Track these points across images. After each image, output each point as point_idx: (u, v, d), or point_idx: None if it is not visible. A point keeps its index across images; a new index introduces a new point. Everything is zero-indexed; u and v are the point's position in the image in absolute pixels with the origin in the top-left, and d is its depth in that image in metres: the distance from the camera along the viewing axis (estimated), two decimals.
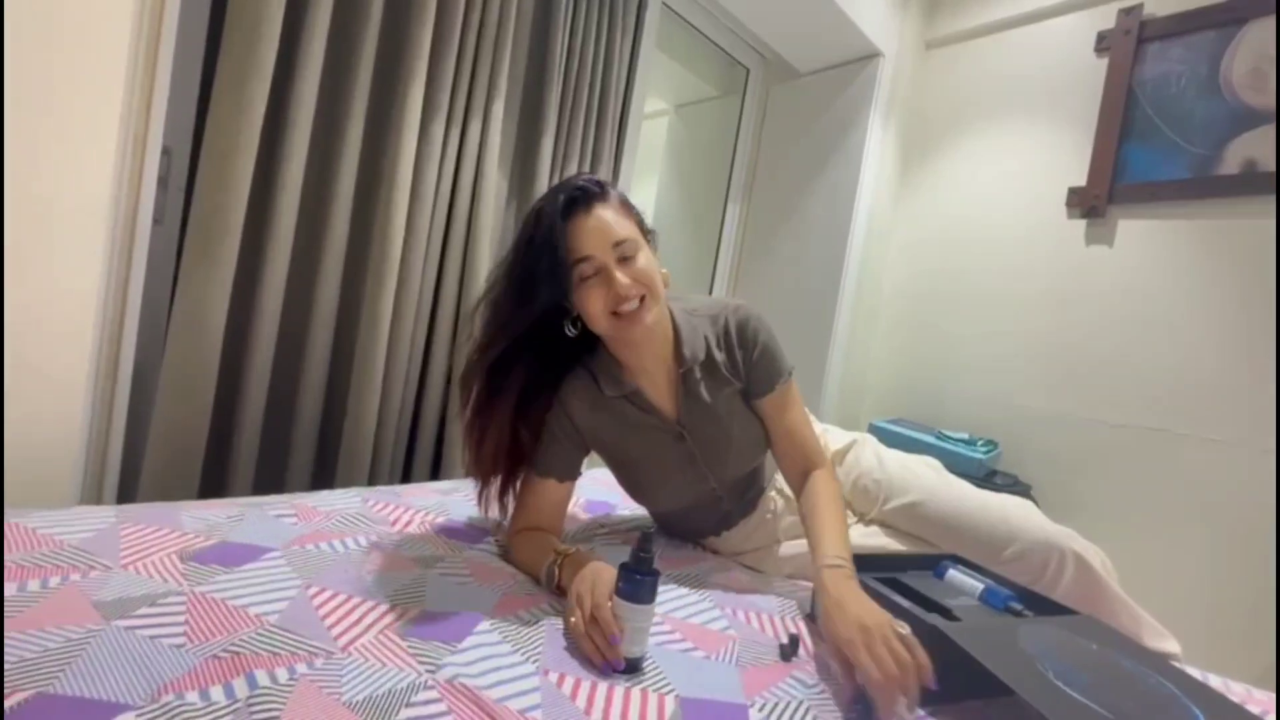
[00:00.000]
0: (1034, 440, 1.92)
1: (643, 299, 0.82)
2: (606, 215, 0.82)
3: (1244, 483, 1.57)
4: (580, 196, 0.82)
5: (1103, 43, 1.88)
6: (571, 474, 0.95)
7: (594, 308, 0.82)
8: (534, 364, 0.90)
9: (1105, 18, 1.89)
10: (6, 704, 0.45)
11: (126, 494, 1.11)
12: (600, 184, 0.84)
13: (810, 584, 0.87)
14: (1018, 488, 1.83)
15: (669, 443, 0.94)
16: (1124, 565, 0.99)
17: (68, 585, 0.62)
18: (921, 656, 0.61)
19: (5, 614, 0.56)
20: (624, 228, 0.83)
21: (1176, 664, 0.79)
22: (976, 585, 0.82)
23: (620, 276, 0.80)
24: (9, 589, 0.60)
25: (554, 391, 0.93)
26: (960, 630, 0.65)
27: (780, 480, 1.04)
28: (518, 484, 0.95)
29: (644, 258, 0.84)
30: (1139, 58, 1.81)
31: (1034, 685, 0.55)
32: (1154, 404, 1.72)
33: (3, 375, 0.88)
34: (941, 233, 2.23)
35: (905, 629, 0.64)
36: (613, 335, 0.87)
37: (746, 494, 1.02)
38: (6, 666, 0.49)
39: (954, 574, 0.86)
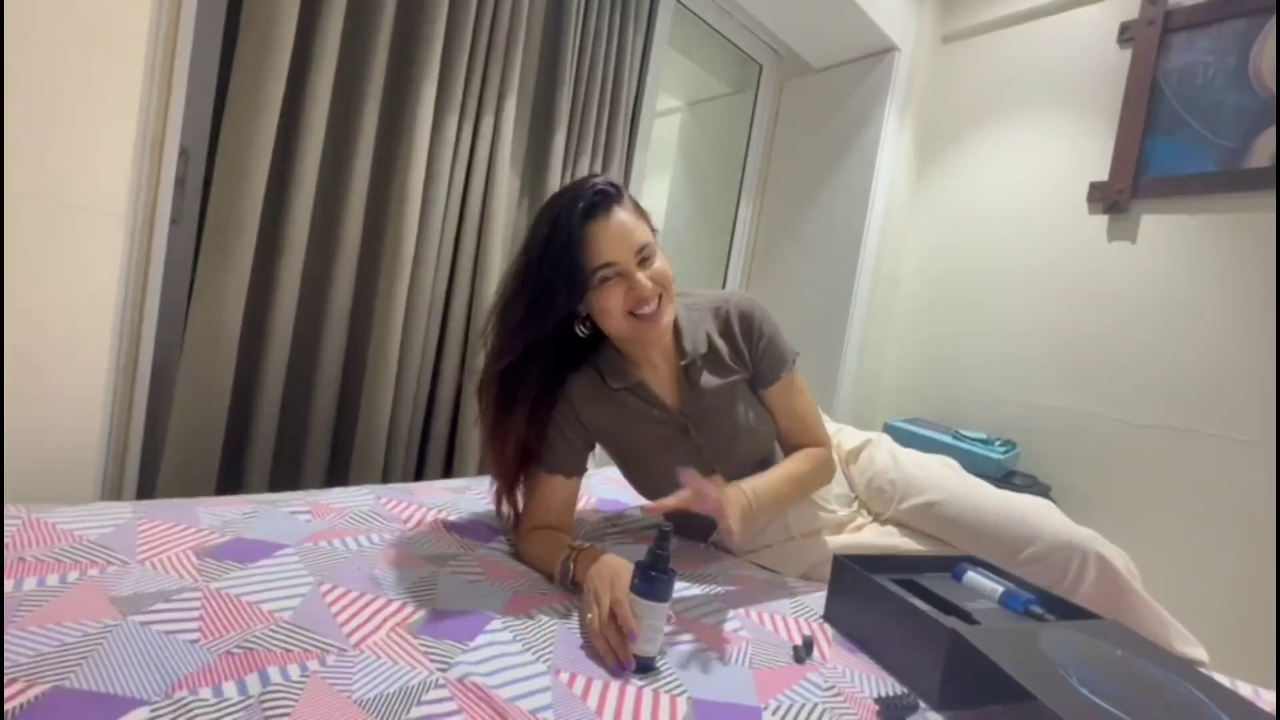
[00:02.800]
0: (1054, 440, 1.88)
1: (660, 299, 0.83)
2: (626, 219, 0.82)
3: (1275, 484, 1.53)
4: (600, 201, 0.81)
5: (1126, 34, 1.83)
6: (579, 469, 0.95)
7: (613, 308, 0.83)
8: (546, 367, 0.90)
9: (1128, 8, 1.84)
10: (24, 698, 0.46)
11: (146, 490, 1.13)
12: (616, 186, 0.84)
13: (824, 585, 0.86)
14: (1037, 488, 1.79)
15: (674, 435, 0.94)
16: (1148, 569, 0.97)
17: (86, 580, 0.63)
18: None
19: (25, 609, 0.57)
20: (642, 231, 0.83)
21: (1204, 671, 0.77)
22: (995, 588, 0.80)
23: (643, 279, 0.81)
24: (29, 584, 0.61)
25: (561, 390, 0.93)
26: (979, 634, 0.64)
27: None
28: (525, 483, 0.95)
29: (660, 259, 0.85)
30: (1164, 48, 1.76)
31: (1057, 691, 0.54)
32: (1181, 403, 1.68)
33: (24, 373, 0.90)
34: (958, 229, 2.19)
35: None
36: (630, 336, 0.87)
37: None
38: (25, 661, 0.50)
39: (972, 576, 0.84)
